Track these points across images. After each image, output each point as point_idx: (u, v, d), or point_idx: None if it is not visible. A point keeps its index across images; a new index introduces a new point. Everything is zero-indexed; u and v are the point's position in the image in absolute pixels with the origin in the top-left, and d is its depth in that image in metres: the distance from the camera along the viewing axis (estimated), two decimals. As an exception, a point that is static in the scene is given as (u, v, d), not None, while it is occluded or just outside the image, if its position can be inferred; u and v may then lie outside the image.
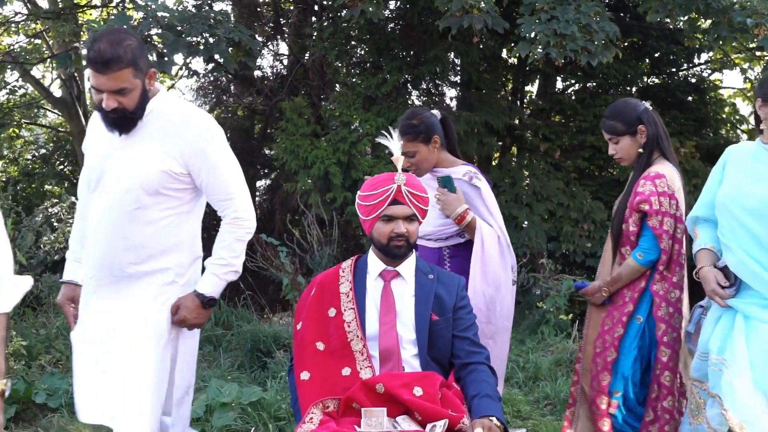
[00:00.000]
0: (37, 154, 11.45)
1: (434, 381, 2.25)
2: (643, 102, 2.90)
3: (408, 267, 2.45)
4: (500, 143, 8.12)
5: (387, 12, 7.51)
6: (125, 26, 5.61)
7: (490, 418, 2.14)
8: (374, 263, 2.45)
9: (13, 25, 9.23)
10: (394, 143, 2.54)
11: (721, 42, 5.93)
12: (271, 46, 9.27)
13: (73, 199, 6.78)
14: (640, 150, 2.85)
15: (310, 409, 2.21)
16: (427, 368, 2.34)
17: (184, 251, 2.47)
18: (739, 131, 9.51)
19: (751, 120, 8.70)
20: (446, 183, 2.97)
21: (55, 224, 6.88)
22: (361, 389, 2.21)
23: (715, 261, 2.51)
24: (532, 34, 5.43)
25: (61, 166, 10.83)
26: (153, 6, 5.83)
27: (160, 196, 2.38)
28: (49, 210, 7.09)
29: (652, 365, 2.80)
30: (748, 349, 2.32)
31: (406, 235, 2.38)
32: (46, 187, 10.41)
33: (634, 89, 8.50)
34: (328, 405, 2.25)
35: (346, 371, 2.30)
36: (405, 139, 2.87)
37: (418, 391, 2.20)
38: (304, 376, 2.31)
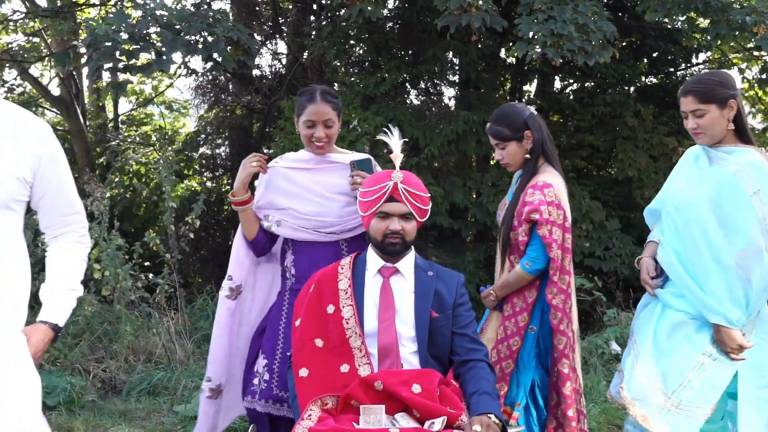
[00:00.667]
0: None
1: (432, 378, 2.25)
2: (529, 107, 2.89)
3: (407, 264, 2.46)
4: (499, 142, 8.11)
5: (385, 11, 7.50)
6: (123, 24, 5.62)
7: (489, 415, 2.14)
8: (373, 260, 2.46)
9: (11, 23, 9.23)
10: (394, 141, 2.54)
11: (720, 41, 5.93)
12: (269, 45, 9.27)
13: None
14: (527, 156, 2.85)
15: (308, 405, 2.22)
16: (426, 365, 2.34)
17: (24, 277, 2.03)
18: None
19: (750, 119, 8.73)
20: (363, 166, 2.77)
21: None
22: (359, 386, 2.22)
23: (656, 253, 2.72)
24: (530, 34, 5.43)
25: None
26: (152, 4, 5.83)
27: (7, 211, 1.96)
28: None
29: (549, 371, 2.81)
30: (655, 332, 2.55)
31: (402, 233, 2.39)
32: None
33: (632, 89, 8.50)
34: (327, 402, 2.25)
35: (344, 368, 2.31)
36: (330, 106, 2.78)
37: (416, 388, 2.21)
38: (303, 373, 2.32)
